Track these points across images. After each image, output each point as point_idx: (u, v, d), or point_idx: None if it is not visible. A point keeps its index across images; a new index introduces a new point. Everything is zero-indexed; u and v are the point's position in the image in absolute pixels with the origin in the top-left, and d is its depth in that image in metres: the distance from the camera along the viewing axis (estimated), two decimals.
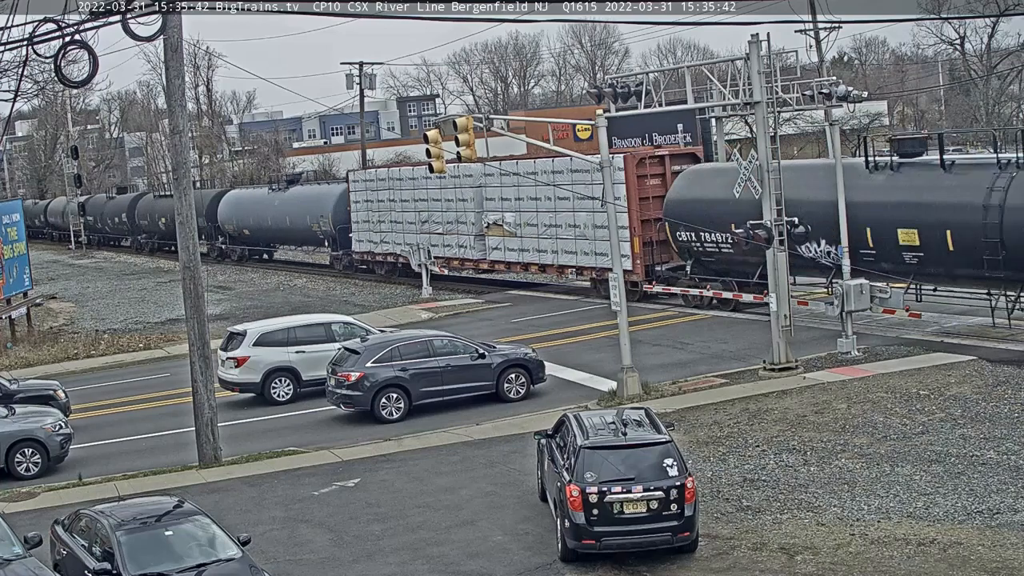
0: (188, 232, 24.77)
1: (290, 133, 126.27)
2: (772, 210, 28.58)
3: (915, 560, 16.66)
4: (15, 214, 46.82)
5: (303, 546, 19.15)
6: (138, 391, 34.43)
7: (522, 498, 20.59)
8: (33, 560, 16.38)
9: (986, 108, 74.06)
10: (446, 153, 29.24)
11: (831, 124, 31.65)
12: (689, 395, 27.18)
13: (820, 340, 31.24)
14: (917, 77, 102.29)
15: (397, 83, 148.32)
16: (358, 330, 31.36)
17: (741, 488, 20.23)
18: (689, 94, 30.93)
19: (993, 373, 26.28)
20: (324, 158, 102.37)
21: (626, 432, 17.67)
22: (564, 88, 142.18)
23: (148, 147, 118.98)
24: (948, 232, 29.60)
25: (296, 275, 61.90)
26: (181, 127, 24.99)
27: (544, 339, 35.25)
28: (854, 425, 23.29)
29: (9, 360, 40.16)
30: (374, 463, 23.79)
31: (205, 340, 24.81)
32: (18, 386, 29.78)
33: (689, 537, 17.14)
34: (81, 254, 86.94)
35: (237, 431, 27.96)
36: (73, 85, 25.23)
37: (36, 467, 25.46)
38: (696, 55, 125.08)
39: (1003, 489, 19.13)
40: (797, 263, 32.08)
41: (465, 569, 17.65)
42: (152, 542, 16.05)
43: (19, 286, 45.83)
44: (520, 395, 28.64)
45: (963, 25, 76.36)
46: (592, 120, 29.33)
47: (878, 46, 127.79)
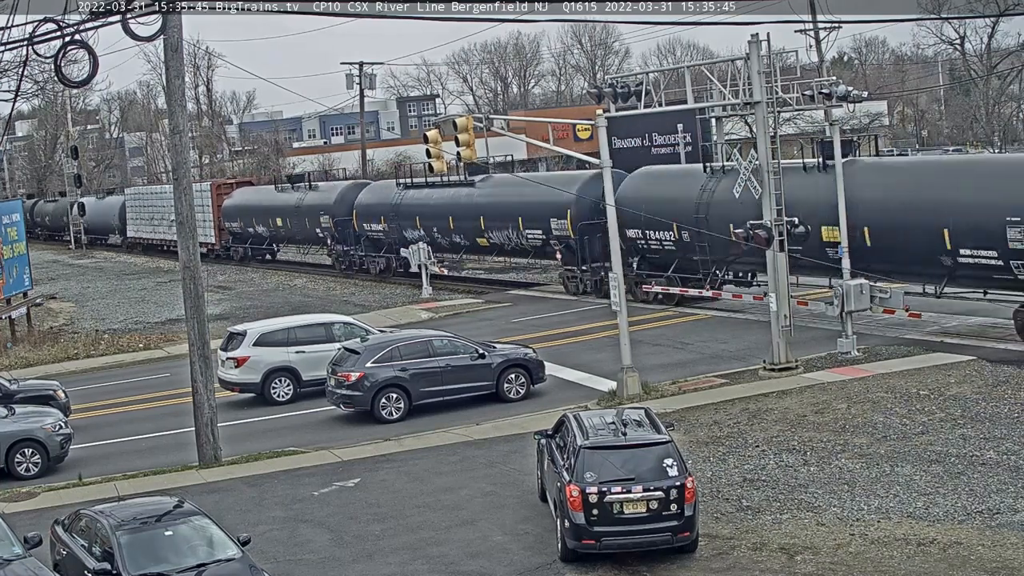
0: (188, 232, 24.78)
1: (290, 133, 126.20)
2: (772, 210, 28.59)
3: (915, 560, 16.66)
4: (15, 214, 46.83)
5: (303, 546, 19.15)
6: (138, 391, 34.43)
7: (522, 498, 20.59)
8: (33, 560, 16.38)
9: (986, 108, 74.09)
10: (446, 153, 29.27)
11: (831, 124, 31.64)
12: (689, 395, 27.18)
13: (820, 340, 31.24)
14: (917, 77, 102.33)
15: (397, 83, 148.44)
16: (358, 330, 31.35)
17: (741, 488, 20.23)
18: (689, 94, 30.91)
19: (993, 373, 26.27)
20: (324, 158, 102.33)
21: (626, 432, 17.67)
22: (564, 88, 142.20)
23: (148, 147, 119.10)
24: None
25: (296, 275, 61.91)
26: (181, 127, 24.99)
27: (544, 339, 35.25)
28: (854, 425, 23.29)
29: (9, 360, 40.15)
30: (374, 463, 23.79)
31: (205, 340, 24.82)
32: (18, 386, 29.76)
33: (689, 537, 17.14)
34: (81, 254, 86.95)
35: (237, 431, 27.96)
36: (73, 85, 25.26)
37: (36, 467, 25.45)
38: (696, 55, 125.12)
39: (1003, 489, 19.13)
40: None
41: (465, 569, 17.65)
42: (152, 542, 16.05)
43: (19, 286, 45.83)
44: (520, 395, 28.64)
45: (963, 25, 76.48)
46: (592, 120, 29.35)
47: (878, 46, 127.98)
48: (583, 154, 35.27)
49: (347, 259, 58.10)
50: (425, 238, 50.16)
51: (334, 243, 58.73)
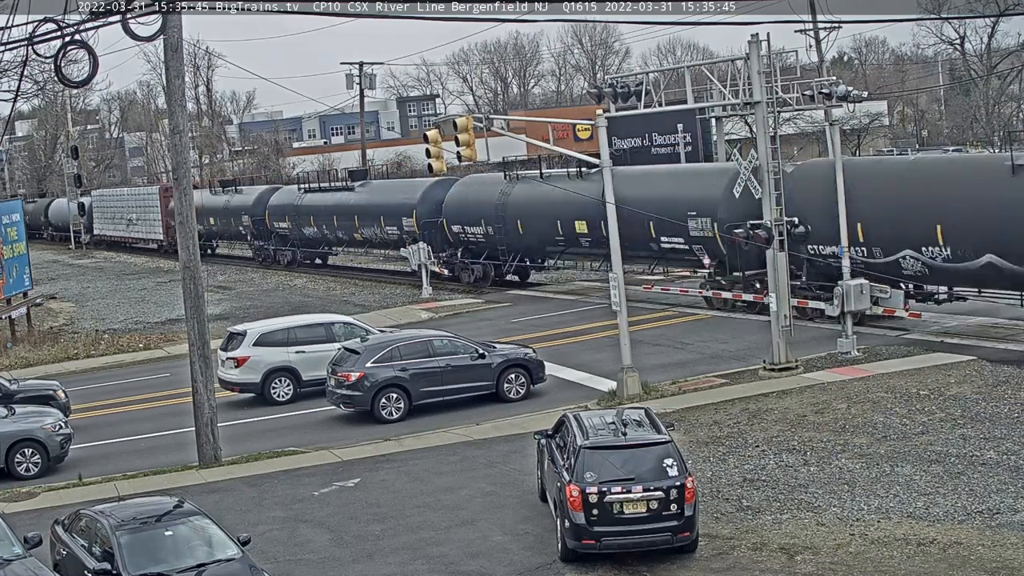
0: (188, 232, 24.79)
1: (290, 133, 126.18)
2: (772, 210, 28.59)
3: (915, 560, 16.66)
4: (15, 214, 46.82)
5: (303, 546, 19.15)
6: (138, 391, 34.43)
7: (522, 498, 20.60)
8: (33, 560, 16.38)
9: (986, 108, 74.06)
10: (446, 153, 29.27)
11: (831, 124, 31.65)
12: (689, 395, 27.19)
13: (820, 340, 31.24)
14: (917, 77, 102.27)
15: (397, 83, 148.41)
16: (358, 330, 31.35)
17: (741, 488, 20.23)
18: (689, 94, 30.92)
19: (993, 373, 26.28)
20: (324, 158, 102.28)
21: (626, 432, 17.67)
22: (564, 88, 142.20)
23: (148, 147, 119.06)
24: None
25: (296, 275, 61.89)
26: (181, 127, 24.99)
27: (544, 339, 35.26)
28: (854, 425, 23.29)
29: (9, 360, 40.15)
30: (374, 463, 23.79)
31: (205, 340, 24.82)
32: (18, 386, 29.76)
33: (689, 537, 17.15)
34: (81, 254, 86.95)
35: (237, 431, 27.96)
36: (73, 85, 25.25)
37: (36, 467, 25.45)
38: (696, 55, 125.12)
39: (1003, 489, 19.13)
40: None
41: (465, 569, 17.66)
42: (152, 542, 16.05)
43: (19, 286, 45.81)
44: (520, 395, 28.64)
45: (963, 25, 76.44)
46: (592, 120, 29.34)
47: (878, 46, 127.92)
48: (583, 154, 35.25)
49: (263, 252, 67.06)
50: (319, 234, 60.25)
51: (253, 239, 67.75)
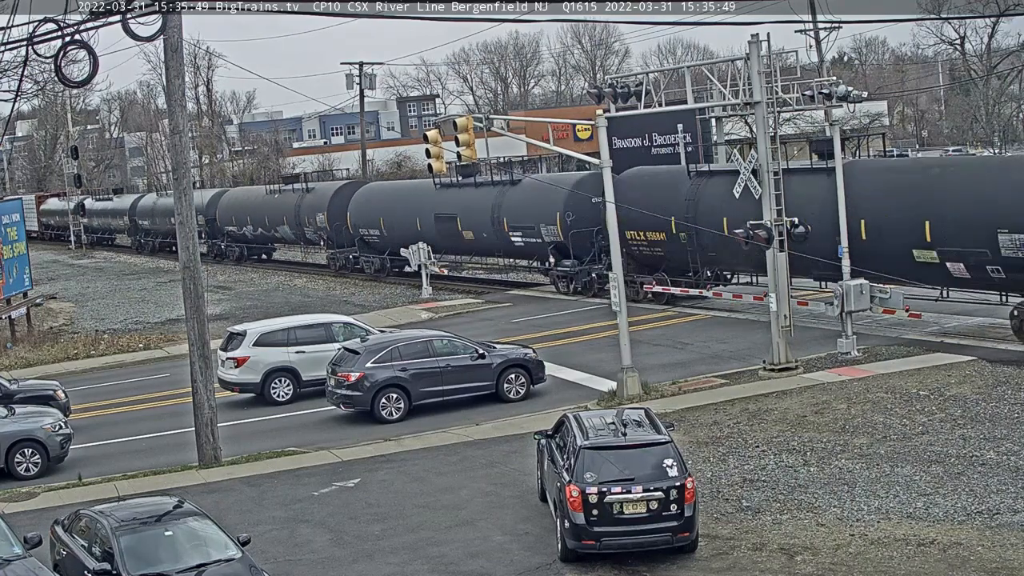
0: (188, 232, 24.77)
1: (290, 133, 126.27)
2: (772, 210, 28.59)
3: (915, 560, 16.65)
4: (15, 214, 46.82)
5: (303, 546, 19.15)
6: (138, 391, 34.43)
7: (522, 498, 20.59)
8: (33, 560, 16.37)
9: (986, 108, 74.06)
10: (446, 153, 29.26)
11: (831, 124, 31.63)
12: (689, 395, 27.18)
13: (820, 340, 31.24)
14: (917, 77, 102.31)
15: (397, 83, 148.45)
16: (358, 330, 31.35)
17: (741, 488, 20.22)
18: (689, 94, 30.91)
19: (993, 373, 26.28)
20: (324, 158, 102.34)
21: (626, 432, 17.67)
22: (564, 88, 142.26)
23: (148, 147, 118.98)
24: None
25: (296, 275, 61.93)
26: (181, 127, 24.98)
27: (544, 339, 35.26)
28: (854, 425, 23.28)
29: (9, 360, 40.15)
30: (374, 463, 23.79)
31: (205, 340, 24.81)
32: (18, 386, 29.76)
33: (689, 537, 17.14)
34: (81, 254, 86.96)
35: (237, 431, 27.96)
36: (73, 85, 25.26)
37: (36, 467, 25.45)
38: (696, 55, 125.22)
39: (1003, 489, 19.13)
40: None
41: (465, 569, 17.65)
42: (152, 542, 16.03)
43: (19, 286, 45.82)
44: (520, 395, 28.64)
45: (963, 25, 76.47)
46: (592, 120, 29.33)
47: (878, 46, 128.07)
48: (583, 154, 35.25)
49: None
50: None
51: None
